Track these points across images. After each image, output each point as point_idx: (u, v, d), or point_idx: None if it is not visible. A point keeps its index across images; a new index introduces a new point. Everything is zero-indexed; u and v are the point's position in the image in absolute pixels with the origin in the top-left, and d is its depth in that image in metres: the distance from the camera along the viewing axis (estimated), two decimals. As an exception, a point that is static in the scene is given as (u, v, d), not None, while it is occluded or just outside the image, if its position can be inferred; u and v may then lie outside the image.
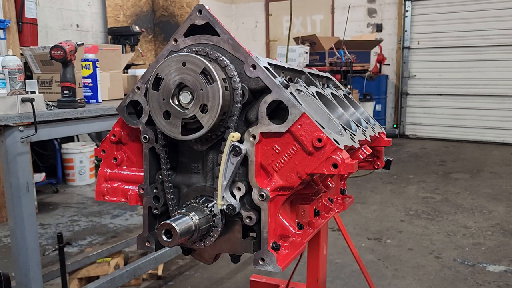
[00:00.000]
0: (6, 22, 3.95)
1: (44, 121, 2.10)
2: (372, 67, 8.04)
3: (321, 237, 1.62)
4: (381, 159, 1.56)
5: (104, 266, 2.83)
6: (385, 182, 5.30)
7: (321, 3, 8.94)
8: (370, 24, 8.58)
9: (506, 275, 2.95)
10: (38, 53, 2.67)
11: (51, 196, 4.97)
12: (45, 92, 2.64)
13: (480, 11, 7.60)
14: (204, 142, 1.00)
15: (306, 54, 6.26)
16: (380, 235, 3.66)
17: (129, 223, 4.03)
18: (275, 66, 1.10)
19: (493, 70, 7.67)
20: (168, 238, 0.88)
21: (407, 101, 8.49)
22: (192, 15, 0.99)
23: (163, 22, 7.32)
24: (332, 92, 1.40)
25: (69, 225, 4.04)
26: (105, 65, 2.72)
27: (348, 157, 0.90)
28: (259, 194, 0.93)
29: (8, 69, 2.23)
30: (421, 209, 4.31)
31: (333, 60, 6.55)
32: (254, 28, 9.73)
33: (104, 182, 1.13)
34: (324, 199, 1.28)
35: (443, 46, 8.01)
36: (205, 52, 0.96)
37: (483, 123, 7.86)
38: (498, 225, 3.86)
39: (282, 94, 0.92)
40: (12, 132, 1.95)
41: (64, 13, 6.11)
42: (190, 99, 0.93)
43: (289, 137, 0.92)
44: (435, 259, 3.22)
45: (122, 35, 5.24)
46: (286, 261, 0.95)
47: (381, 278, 2.93)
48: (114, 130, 1.09)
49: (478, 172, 5.70)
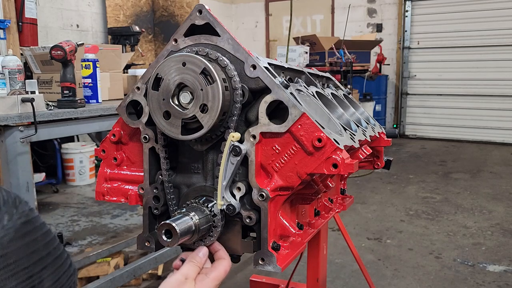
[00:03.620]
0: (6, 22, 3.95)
1: (44, 121, 2.10)
2: (372, 67, 8.04)
3: (321, 237, 1.62)
4: (381, 159, 1.56)
5: (104, 266, 2.83)
6: (385, 182, 5.30)
7: (321, 3, 8.94)
8: (370, 24, 8.58)
9: (506, 275, 2.95)
10: (38, 53, 2.67)
11: (51, 196, 4.97)
12: (45, 92, 2.64)
13: (480, 11, 7.60)
14: (204, 142, 1.00)
15: (306, 54, 6.26)
16: (380, 235, 3.66)
17: (129, 223, 4.03)
18: (275, 66, 1.10)
19: (493, 70, 7.67)
20: (168, 238, 0.88)
21: (407, 101, 8.49)
22: (192, 15, 0.99)
23: (163, 22, 7.32)
24: (332, 92, 1.40)
25: (69, 225, 4.04)
26: (105, 65, 2.72)
27: (348, 157, 0.90)
28: (259, 194, 0.93)
29: (8, 69, 2.23)
30: (421, 209, 4.31)
31: (333, 60, 6.55)
32: (254, 28, 9.73)
33: (104, 182, 1.13)
34: (324, 199, 1.28)
35: (443, 46, 8.01)
36: (205, 52, 0.96)
37: (483, 123, 7.86)
38: (498, 225, 3.86)
39: (282, 94, 0.92)
40: (12, 132, 1.95)
41: (64, 13, 6.11)
42: (190, 99, 0.93)
43: (289, 137, 0.92)
44: (435, 259, 3.22)
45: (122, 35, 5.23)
46: (286, 261, 0.95)
47: (381, 278, 2.93)
48: (114, 130, 1.09)
49: (478, 172, 5.70)
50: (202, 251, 0.94)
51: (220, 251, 0.96)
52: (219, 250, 0.96)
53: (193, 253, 0.94)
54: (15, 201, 0.56)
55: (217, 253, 0.96)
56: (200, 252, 0.94)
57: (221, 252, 0.96)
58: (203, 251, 0.94)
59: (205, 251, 0.94)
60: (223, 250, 0.96)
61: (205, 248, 0.95)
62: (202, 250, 0.94)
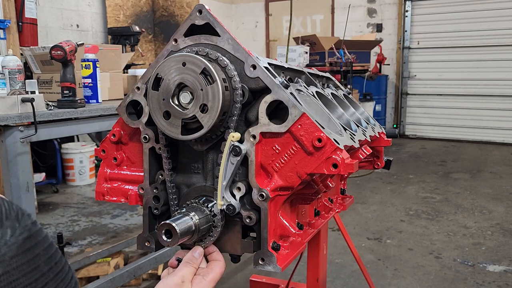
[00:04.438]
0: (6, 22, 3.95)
1: (44, 121, 2.10)
2: (372, 67, 8.04)
3: (321, 237, 1.62)
4: (381, 159, 1.56)
5: (104, 266, 2.83)
6: (385, 182, 5.30)
7: (321, 3, 8.94)
8: (370, 24, 8.58)
9: (506, 275, 2.95)
10: (38, 53, 2.66)
11: (51, 196, 4.97)
12: (45, 92, 2.64)
13: (480, 11, 7.60)
14: (204, 142, 1.00)
15: (306, 54, 6.25)
16: (380, 235, 3.66)
17: (129, 223, 4.03)
18: (275, 66, 1.09)
19: (493, 70, 7.67)
20: (168, 238, 0.88)
21: (407, 101, 8.49)
22: (192, 15, 0.99)
23: (163, 22, 7.32)
24: (332, 92, 1.40)
25: (69, 225, 4.04)
26: (105, 65, 2.72)
27: (348, 157, 0.90)
28: (259, 194, 0.93)
29: (8, 69, 2.23)
30: (421, 209, 4.31)
31: (333, 60, 6.54)
32: (254, 28, 9.73)
33: (104, 182, 1.13)
34: (324, 199, 1.28)
35: (443, 46, 8.01)
36: (205, 52, 0.96)
37: (483, 123, 7.86)
38: (498, 225, 3.86)
39: (282, 94, 0.92)
40: (12, 132, 1.95)
41: (64, 13, 6.11)
42: (190, 99, 0.93)
43: (289, 137, 0.92)
44: (435, 259, 3.22)
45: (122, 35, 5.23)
46: (286, 261, 0.95)
47: (381, 278, 2.93)
48: (114, 130, 1.09)
49: (478, 172, 5.70)
50: (198, 251, 0.94)
51: (214, 252, 0.97)
52: (214, 251, 0.97)
53: (189, 253, 0.94)
54: (18, 214, 0.55)
55: (211, 255, 0.96)
56: (195, 252, 0.94)
57: (215, 254, 0.96)
58: (199, 251, 0.95)
59: (200, 251, 0.95)
60: (218, 252, 0.97)
61: (200, 247, 0.96)
62: (197, 250, 0.95)
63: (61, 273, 0.58)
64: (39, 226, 0.58)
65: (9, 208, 0.55)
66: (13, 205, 0.56)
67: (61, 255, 0.60)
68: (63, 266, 0.59)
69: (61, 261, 0.59)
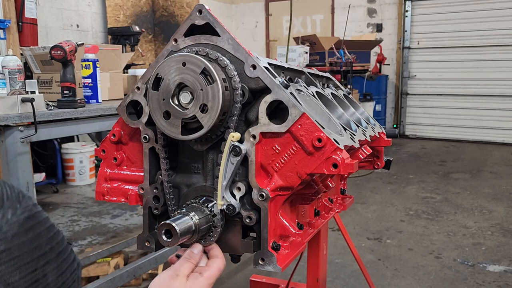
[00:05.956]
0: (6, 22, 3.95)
1: (44, 121, 2.10)
2: (372, 67, 8.04)
3: (321, 237, 1.62)
4: (381, 159, 1.56)
5: (104, 266, 2.83)
6: (385, 182, 5.30)
7: (321, 3, 8.94)
8: (370, 24, 8.58)
9: (506, 275, 2.95)
10: (38, 53, 2.67)
11: (51, 196, 4.97)
12: (45, 92, 2.64)
13: (480, 11, 7.60)
14: (204, 142, 1.00)
15: (306, 54, 6.26)
16: (380, 235, 3.66)
17: (129, 223, 4.03)
18: (275, 66, 1.10)
19: (493, 70, 7.67)
20: (168, 238, 0.88)
21: (407, 101, 8.49)
22: (192, 15, 0.99)
23: (163, 22, 7.32)
24: (332, 92, 1.40)
25: (69, 225, 4.04)
26: (105, 65, 2.72)
27: (348, 157, 0.90)
28: (259, 194, 0.93)
29: (8, 69, 2.23)
30: (421, 209, 4.31)
31: (333, 60, 6.54)
32: (254, 28, 9.73)
33: (104, 182, 1.13)
34: (324, 199, 1.28)
35: (443, 46, 8.01)
36: (205, 52, 0.96)
37: (483, 123, 7.86)
38: (498, 225, 3.86)
39: (282, 94, 0.92)
40: (12, 132, 1.95)
41: (64, 13, 6.11)
42: (190, 99, 0.93)
43: (289, 137, 0.92)
44: (435, 259, 3.22)
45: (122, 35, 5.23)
46: (286, 261, 0.95)
47: (381, 278, 2.93)
48: (114, 130, 1.09)
49: (478, 172, 5.70)
50: (197, 248, 0.94)
51: (214, 249, 0.96)
52: (214, 248, 0.96)
53: (188, 250, 0.94)
54: (19, 196, 0.57)
55: (211, 251, 0.96)
56: (194, 249, 0.94)
57: (215, 251, 0.96)
58: (198, 247, 0.94)
59: (200, 248, 0.94)
60: (218, 249, 0.96)
61: (199, 245, 0.95)
62: (197, 247, 0.94)
63: (62, 253, 0.59)
64: (39, 208, 0.59)
65: (10, 191, 0.56)
66: (14, 187, 0.57)
67: (63, 237, 0.61)
68: (65, 247, 0.60)
69: (63, 242, 0.60)
